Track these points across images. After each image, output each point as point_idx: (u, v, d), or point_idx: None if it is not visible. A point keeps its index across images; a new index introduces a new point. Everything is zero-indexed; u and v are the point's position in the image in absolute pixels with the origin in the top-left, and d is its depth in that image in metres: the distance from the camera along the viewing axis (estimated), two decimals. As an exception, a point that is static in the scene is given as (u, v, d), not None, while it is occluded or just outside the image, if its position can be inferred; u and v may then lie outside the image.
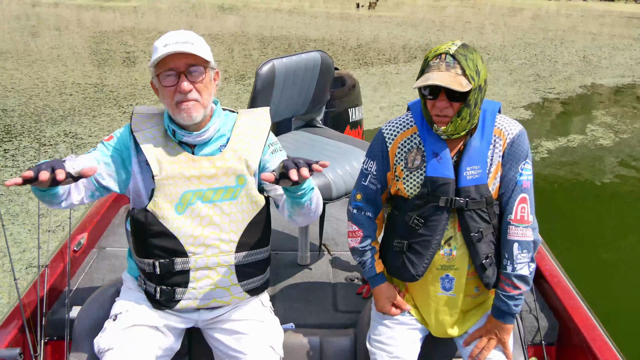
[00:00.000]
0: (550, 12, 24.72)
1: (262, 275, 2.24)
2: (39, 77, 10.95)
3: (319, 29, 18.51)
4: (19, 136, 7.62)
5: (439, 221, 2.05)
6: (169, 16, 20.84)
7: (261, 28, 18.40)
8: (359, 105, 4.09)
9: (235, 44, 15.57)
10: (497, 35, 18.02)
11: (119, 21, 19.21)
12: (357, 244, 2.23)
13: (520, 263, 2.04)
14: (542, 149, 8.00)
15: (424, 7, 25.64)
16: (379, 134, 2.16)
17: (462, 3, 27.51)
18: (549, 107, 10.14)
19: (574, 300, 2.66)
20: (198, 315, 2.16)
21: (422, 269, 2.10)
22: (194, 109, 1.99)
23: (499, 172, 2.05)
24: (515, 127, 2.06)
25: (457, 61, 1.90)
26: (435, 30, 18.53)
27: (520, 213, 2.04)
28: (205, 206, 2.06)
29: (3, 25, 17.69)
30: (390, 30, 18.39)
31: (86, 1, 24.18)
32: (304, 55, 2.96)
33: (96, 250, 3.15)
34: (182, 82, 1.95)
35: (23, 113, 8.64)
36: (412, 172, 2.08)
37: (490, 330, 2.12)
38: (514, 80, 11.87)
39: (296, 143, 3.02)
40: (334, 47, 15.21)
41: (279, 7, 24.56)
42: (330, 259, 3.14)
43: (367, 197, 2.21)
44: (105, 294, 2.34)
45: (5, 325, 2.41)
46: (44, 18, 19.64)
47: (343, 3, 26.66)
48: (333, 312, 2.70)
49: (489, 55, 14.45)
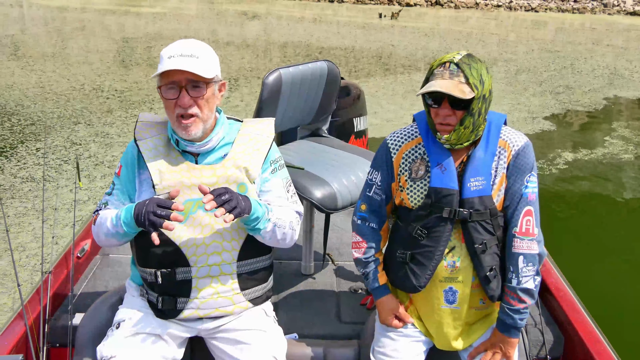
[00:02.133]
0: (574, 25, 24.69)
1: (265, 284, 2.23)
2: (77, 80, 11.21)
3: (343, 37, 18.67)
4: (54, 136, 7.82)
5: (443, 232, 2.04)
6: (194, 22, 21.15)
7: (283, 35, 18.58)
8: (364, 115, 4.08)
9: (257, 49, 15.73)
10: (523, 46, 18.05)
11: (146, 27, 19.47)
12: (361, 255, 2.22)
13: (526, 276, 2.02)
14: (560, 159, 7.99)
15: (446, 18, 25.74)
16: (383, 144, 2.16)
17: (484, 15, 27.59)
18: (573, 119, 10.16)
19: (579, 313, 2.64)
20: (201, 324, 2.15)
21: (425, 280, 2.09)
22: (194, 126, 1.99)
23: (504, 184, 2.04)
24: (520, 139, 2.05)
25: (461, 70, 1.91)
26: (463, 42, 18.57)
27: (526, 226, 2.03)
28: (207, 215, 2.05)
29: (35, 29, 17.99)
30: (413, 40, 18.51)
31: (112, 6, 24.55)
32: (311, 64, 2.96)
33: (100, 257, 3.15)
34: (183, 97, 1.96)
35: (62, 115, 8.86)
36: (416, 182, 2.07)
37: (495, 344, 2.10)
38: (542, 90, 11.92)
39: (301, 152, 3.02)
40: (357, 54, 15.39)
41: (302, 15, 24.77)
42: (334, 269, 3.13)
43: (371, 208, 2.20)
44: (108, 302, 2.33)
45: (8, 331, 2.41)
46: (70, 22, 20.00)
47: (366, 12, 26.86)
48: (337, 322, 2.69)
49: (517, 66, 14.51)
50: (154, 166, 2.04)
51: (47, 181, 6.24)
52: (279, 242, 2.14)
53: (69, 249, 2.91)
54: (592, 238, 5.84)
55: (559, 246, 5.35)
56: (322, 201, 2.65)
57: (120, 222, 1.99)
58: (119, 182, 2.15)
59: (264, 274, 2.22)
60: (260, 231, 2.04)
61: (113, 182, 2.17)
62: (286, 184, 2.21)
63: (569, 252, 5.31)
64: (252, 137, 2.14)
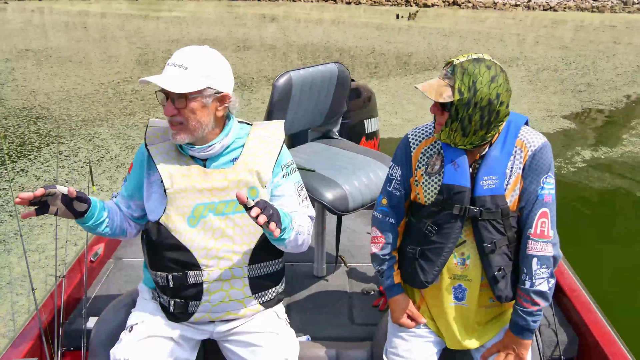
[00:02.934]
0: (593, 24, 24.59)
1: (277, 287, 2.23)
2: (100, 84, 11.43)
3: (361, 38, 18.82)
4: (77, 138, 8.01)
5: (452, 229, 2.04)
6: (213, 25, 21.40)
7: (302, 37, 18.80)
8: (375, 116, 4.08)
9: (277, 51, 15.86)
10: (543, 45, 18.03)
11: (166, 31, 19.76)
12: (378, 251, 2.22)
13: (540, 278, 2.01)
14: (578, 157, 7.97)
15: (463, 19, 25.81)
16: (404, 139, 2.18)
17: (502, 15, 27.60)
18: (593, 117, 10.12)
19: (594, 314, 2.62)
20: (213, 327, 2.16)
21: (432, 276, 2.09)
22: (179, 134, 2.00)
23: (519, 184, 2.03)
24: (538, 139, 2.03)
25: (454, 73, 1.92)
26: (483, 42, 18.60)
27: (541, 228, 2.01)
28: (218, 219, 2.06)
29: (56, 35, 18.30)
30: (433, 40, 18.60)
31: (131, 11, 24.88)
32: (321, 67, 2.96)
33: (113, 260, 3.17)
34: (167, 106, 1.98)
35: (86, 118, 9.06)
36: (430, 177, 2.08)
37: (508, 346, 2.09)
38: (564, 89, 11.94)
39: (312, 154, 3.02)
40: (377, 55, 15.49)
41: (320, 17, 24.95)
42: (346, 271, 3.13)
43: (391, 203, 2.20)
44: (121, 305, 2.34)
45: (23, 334, 2.43)
46: (91, 27, 20.40)
47: (383, 14, 27.04)
48: (349, 324, 2.69)
49: (537, 65, 14.47)
50: (165, 170, 2.06)
51: (69, 183, 6.32)
52: (296, 248, 2.14)
53: (82, 253, 2.93)
54: (607, 237, 5.79)
55: (575, 245, 5.33)
56: (334, 203, 2.65)
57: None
58: (129, 178, 2.19)
59: (276, 277, 2.22)
60: (285, 241, 2.03)
61: (126, 178, 2.22)
62: (298, 188, 2.21)
63: (584, 251, 5.28)
64: (262, 139, 2.15)
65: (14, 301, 4.18)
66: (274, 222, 1.82)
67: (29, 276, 2.55)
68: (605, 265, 5.09)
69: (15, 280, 4.46)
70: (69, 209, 1.98)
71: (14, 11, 25.18)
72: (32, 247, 4.96)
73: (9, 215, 5.62)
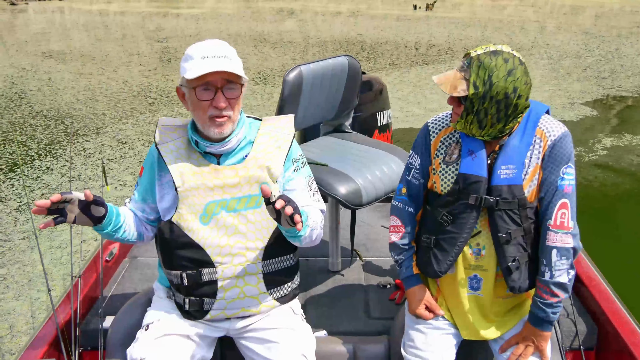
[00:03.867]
0: (614, 9, 24.33)
1: (291, 282, 2.22)
2: (125, 82, 11.59)
3: (382, 30, 18.89)
4: (102, 136, 8.17)
5: (468, 219, 2.02)
6: (233, 21, 21.65)
7: (322, 31, 18.89)
8: (387, 109, 4.05)
9: (297, 46, 15.95)
10: (565, 32, 17.95)
11: (187, 27, 19.95)
12: (398, 240, 2.21)
13: (559, 270, 1.98)
14: (599, 145, 7.92)
15: (482, 8, 25.70)
16: (424, 128, 2.17)
17: (522, 2, 27.43)
18: (614, 105, 10.06)
19: (613, 304, 2.59)
20: (229, 324, 2.16)
21: (446, 265, 2.07)
22: (226, 126, 2.00)
23: (538, 174, 2.00)
24: (558, 128, 2.00)
25: (470, 65, 1.90)
26: (505, 30, 18.54)
27: (560, 219, 1.98)
28: (230, 215, 2.06)
29: (78, 34, 18.57)
30: (454, 30, 18.62)
31: (151, 9, 25.17)
32: (331, 60, 2.94)
33: (128, 259, 3.18)
34: (218, 98, 1.95)
35: (112, 116, 9.18)
36: (448, 166, 2.06)
37: (527, 337, 2.07)
38: (587, 76, 11.90)
39: (325, 149, 3.01)
40: (398, 46, 15.55)
41: (338, 10, 25.04)
42: (361, 265, 3.12)
43: (410, 192, 2.20)
44: (137, 304, 2.35)
45: (41, 335, 2.44)
46: (112, 25, 20.69)
47: (400, 4, 27.06)
48: (366, 318, 2.68)
49: (559, 52, 14.42)
50: (175, 169, 2.05)
51: (91, 180, 6.51)
52: (310, 243, 2.13)
53: (97, 252, 2.94)
54: (627, 226, 5.73)
55: (593, 235, 5.27)
56: (347, 197, 2.64)
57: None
58: (141, 182, 2.18)
59: (290, 272, 2.21)
60: (301, 237, 2.02)
61: (137, 182, 2.21)
62: (309, 182, 2.20)
63: (604, 241, 5.23)
64: (272, 135, 2.14)
65: (34, 298, 4.24)
66: (299, 215, 1.80)
67: (45, 277, 2.56)
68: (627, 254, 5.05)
69: (37, 278, 4.52)
70: (87, 215, 1.97)
71: (35, 12, 25.65)
72: (56, 243, 5.02)
73: (24, 217, 5.69)
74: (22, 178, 6.57)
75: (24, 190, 6.23)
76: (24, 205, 5.83)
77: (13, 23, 21.78)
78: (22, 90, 10.89)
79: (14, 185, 6.40)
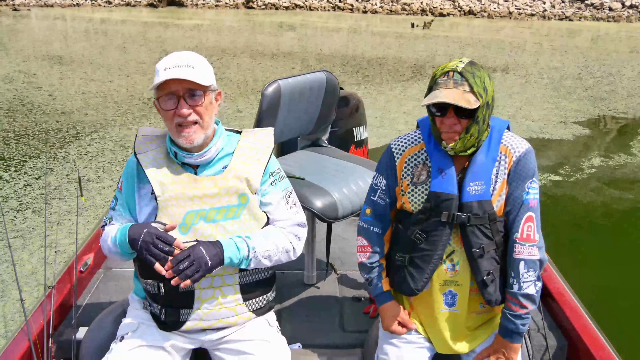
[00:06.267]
0: (610, 34, 24.67)
1: (268, 294, 2.23)
2: (135, 90, 11.68)
3: (388, 47, 19.07)
4: (107, 141, 8.32)
5: (441, 236, 2.05)
6: (233, 33, 21.81)
7: (318, 45, 19.04)
8: (364, 124, 4.09)
9: (294, 59, 16.06)
10: (567, 55, 18.22)
11: (191, 38, 20.07)
12: (366, 260, 2.23)
13: (527, 282, 2.03)
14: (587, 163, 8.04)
15: (479, 28, 25.98)
16: (387, 149, 2.19)
17: (518, 24, 27.75)
18: (610, 126, 10.24)
19: (583, 319, 2.64)
20: (204, 336, 2.15)
21: (422, 283, 2.10)
22: (195, 134, 2.02)
23: (505, 189, 2.05)
24: (522, 145, 2.07)
25: (465, 79, 1.92)
26: (507, 51, 18.76)
27: (527, 232, 2.04)
28: (209, 226, 2.07)
29: (82, 42, 18.66)
30: (457, 49, 18.82)
31: (151, 18, 25.15)
32: (310, 75, 2.98)
33: (103, 270, 3.15)
34: (181, 106, 1.99)
35: (122, 123, 9.31)
36: (417, 186, 2.09)
37: (498, 350, 2.11)
38: (587, 95, 12.15)
39: (302, 162, 3.03)
40: (397, 62, 15.74)
41: (337, 26, 25.25)
42: (337, 278, 3.14)
43: (376, 213, 2.21)
44: (111, 315, 2.33)
45: (12, 346, 2.40)
46: (112, 34, 20.80)
47: (399, 22, 27.31)
48: (340, 331, 2.69)
49: (560, 74, 14.65)
50: (155, 178, 2.06)
51: (92, 182, 6.61)
52: (276, 263, 2.17)
53: (71, 263, 2.92)
54: (608, 244, 5.82)
55: (575, 250, 5.38)
56: (323, 211, 2.66)
57: (117, 243, 2.04)
58: (121, 196, 2.16)
59: (267, 284, 2.22)
60: (248, 266, 2.08)
61: (115, 197, 2.19)
62: (286, 195, 2.22)
63: (584, 257, 5.32)
64: (252, 147, 2.16)
65: (17, 298, 4.20)
66: (187, 276, 1.93)
67: (18, 286, 2.54)
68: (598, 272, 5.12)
69: (10, 289, 4.44)
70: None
71: (37, 18, 25.75)
72: (48, 242, 4.96)
73: (31, 212, 5.64)
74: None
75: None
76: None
77: (15, 28, 22.03)
78: (23, 95, 11.01)
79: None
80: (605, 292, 4.69)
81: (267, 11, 31.53)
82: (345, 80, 12.92)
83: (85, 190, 6.35)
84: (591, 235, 6.07)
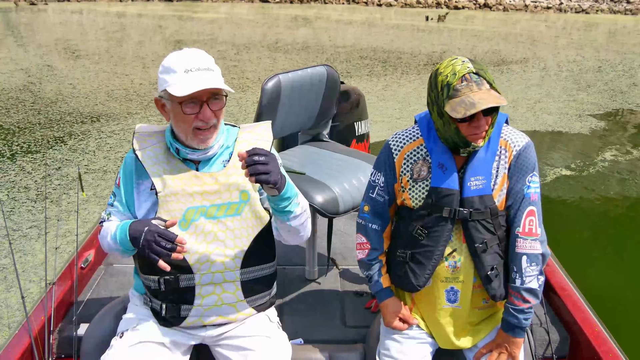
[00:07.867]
0: (627, 27, 24.55)
1: (269, 291, 2.23)
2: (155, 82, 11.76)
3: (405, 41, 19.10)
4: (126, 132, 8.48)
5: (442, 232, 2.04)
6: (249, 26, 21.91)
7: (339, 39, 19.07)
8: (364, 119, 4.08)
9: (309, 52, 16.09)
10: (586, 48, 18.20)
11: (211, 31, 20.17)
12: (364, 257, 2.22)
13: (529, 276, 2.02)
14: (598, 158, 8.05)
15: (495, 21, 25.97)
16: (385, 146, 2.17)
17: (534, 17, 27.68)
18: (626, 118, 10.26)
19: (585, 312, 2.63)
20: (205, 332, 2.15)
21: (424, 279, 2.09)
22: (212, 137, 2.02)
23: (505, 184, 2.04)
24: (521, 139, 2.05)
25: (482, 77, 1.89)
26: (528, 45, 18.70)
27: (529, 226, 2.03)
28: (209, 222, 2.06)
29: (101, 35, 18.76)
30: (478, 43, 18.84)
31: (167, 12, 25.38)
32: (310, 70, 2.96)
33: (103, 267, 3.15)
34: (205, 111, 1.96)
35: (145, 116, 9.39)
36: (417, 182, 2.08)
37: (500, 345, 2.10)
38: (606, 89, 12.13)
39: (303, 157, 3.02)
40: (413, 55, 15.75)
41: (352, 19, 25.27)
42: (338, 273, 3.13)
43: (374, 209, 2.20)
44: (112, 311, 2.33)
45: (13, 343, 2.40)
46: (129, 27, 21.02)
47: (413, 16, 27.35)
48: (342, 327, 2.68)
49: (579, 67, 14.63)
50: (156, 174, 2.05)
51: (109, 172, 6.71)
52: (300, 230, 2.10)
53: (72, 259, 2.91)
54: (614, 238, 5.81)
55: (581, 245, 5.39)
56: (324, 206, 2.65)
57: (117, 240, 2.02)
58: (119, 192, 2.15)
59: (268, 281, 2.21)
60: (290, 215, 2.01)
61: (113, 193, 2.17)
62: None
63: (592, 252, 5.31)
64: (251, 142, 2.14)
65: (25, 288, 4.22)
66: (256, 171, 1.80)
67: (18, 282, 2.53)
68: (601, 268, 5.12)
69: (31, 269, 4.46)
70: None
71: (55, 12, 25.90)
72: (61, 232, 4.99)
73: (49, 202, 5.66)
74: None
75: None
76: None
77: (33, 21, 22.21)
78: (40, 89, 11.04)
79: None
80: (610, 288, 4.69)
81: (282, 4, 31.57)
82: (361, 74, 12.90)
83: (103, 180, 6.39)
84: (608, 229, 6.07)
